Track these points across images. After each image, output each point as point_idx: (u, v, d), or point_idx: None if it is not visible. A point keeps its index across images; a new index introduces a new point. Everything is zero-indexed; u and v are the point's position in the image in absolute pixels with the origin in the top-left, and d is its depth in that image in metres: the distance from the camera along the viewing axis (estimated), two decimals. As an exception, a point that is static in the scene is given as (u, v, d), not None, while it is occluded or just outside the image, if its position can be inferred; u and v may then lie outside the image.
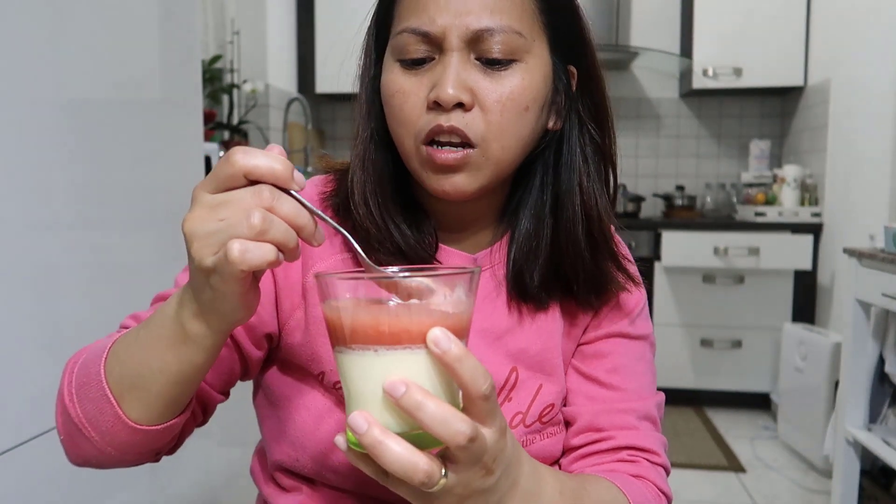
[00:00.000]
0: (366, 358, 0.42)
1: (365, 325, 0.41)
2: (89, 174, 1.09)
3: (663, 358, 3.10)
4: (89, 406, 0.53)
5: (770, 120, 3.53)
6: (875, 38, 2.50)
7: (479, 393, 0.42)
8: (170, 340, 0.50)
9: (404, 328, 0.41)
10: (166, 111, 1.31)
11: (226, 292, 0.45)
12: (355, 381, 0.43)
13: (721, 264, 2.96)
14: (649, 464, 0.66)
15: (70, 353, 0.63)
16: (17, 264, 0.95)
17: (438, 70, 0.58)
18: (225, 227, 0.43)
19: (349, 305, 0.42)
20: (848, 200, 2.73)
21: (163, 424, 0.54)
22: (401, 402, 0.40)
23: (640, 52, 3.36)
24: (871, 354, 1.93)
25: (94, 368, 0.53)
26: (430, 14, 0.57)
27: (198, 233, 0.44)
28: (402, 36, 0.59)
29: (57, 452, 0.60)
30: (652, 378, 0.71)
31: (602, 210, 0.65)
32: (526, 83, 0.59)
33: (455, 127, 0.57)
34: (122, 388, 0.52)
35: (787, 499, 2.30)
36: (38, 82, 0.99)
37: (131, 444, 0.53)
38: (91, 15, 1.09)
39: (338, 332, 0.43)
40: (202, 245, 0.44)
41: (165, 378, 0.51)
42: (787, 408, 2.70)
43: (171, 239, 1.31)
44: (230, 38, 2.89)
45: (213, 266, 0.44)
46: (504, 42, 0.57)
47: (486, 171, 0.59)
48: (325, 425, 0.63)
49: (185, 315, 0.49)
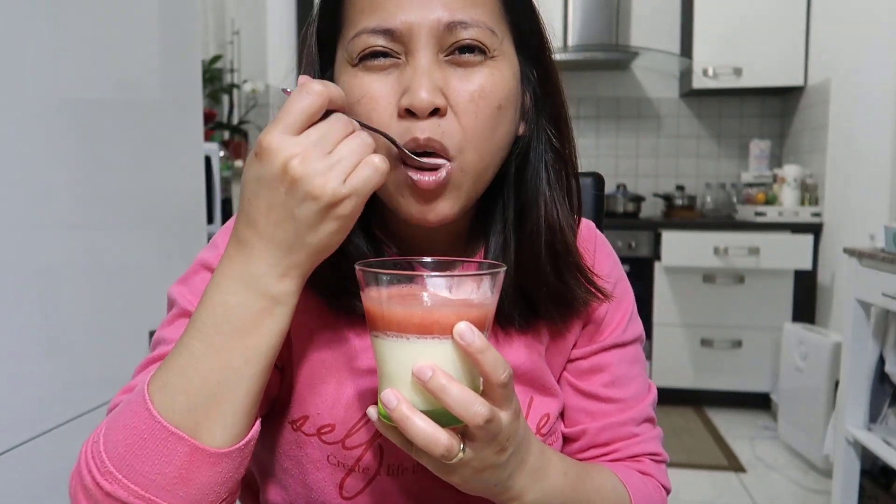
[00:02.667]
0: (399, 344, 0.47)
1: (399, 316, 0.46)
2: (89, 174, 1.09)
3: (663, 358, 3.10)
4: (146, 467, 0.46)
5: (770, 120, 3.53)
6: (875, 38, 2.50)
7: (498, 381, 0.46)
8: (251, 323, 0.48)
9: (434, 321, 0.46)
10: (166, 111, 1.31)
11: (353, 217, 0.47)
12: (388, 363, 0.48)
13: (721, 264, 2.95)
14: (652, 462, 0.68)
15: (69, 353, 0.62)
16: (17, 264, 0.95)
17: (408, 72, 0.53)
18: (347, 154, 0.46)
19: (386, 297, 0.47)
20: (848, 200, 2.73)
21: (244, 439, 0.49)
22: (427, 385, 0.45)
23: (640, 52, 3.36)
24: (871, 354, 1.93)
25: (141, 424, 0.47)
26: (390, 10, 0.53)
27: (318, 168, 0.45)
28: (361, 38, 0.54)
29: (57, 452, 0.60)
30: (644, 376, 0.71)
31: (564, 222, 0.61)
32: (497, 80, 0.55)
33: (431, 140, 0.53)
34: (197, 417, 0.47)
35: (787, 499, 2.30)
36: (38, 82, 0.99)
37: (210, 483, 0.48)
38: (91, 15, 1.09)
39: (376, 319, 0.48)
40: (328, 178, 0.45)
41: (253, 370, 0.48)
42: (787, 408, 2.70)
43: (171, 239, 1.31)
44: (230, 38, 2.89)
45: (349, 191, 0.46)
46: (477, 37, 0.54)
47: (466, 189, 0.56)
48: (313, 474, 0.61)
49: (269, 281, 0.47)
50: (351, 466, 0.60)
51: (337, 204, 0.46)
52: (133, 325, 1.20)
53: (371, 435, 0.60)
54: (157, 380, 0.48)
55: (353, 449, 0.59)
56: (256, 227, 0.47)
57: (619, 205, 3.38)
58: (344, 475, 0.60)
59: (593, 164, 3.68)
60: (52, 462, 0.98)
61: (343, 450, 0.59)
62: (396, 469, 0.60)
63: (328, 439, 0.60)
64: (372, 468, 0.60)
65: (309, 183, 0.45)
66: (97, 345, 1.10)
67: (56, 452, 0.99)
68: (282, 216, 0.46)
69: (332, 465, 0.60)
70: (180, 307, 0.59)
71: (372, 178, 0.47)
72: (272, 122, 0.46)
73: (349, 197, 0.46)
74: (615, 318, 0.67)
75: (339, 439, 0.60)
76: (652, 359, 3.11)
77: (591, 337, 0.67)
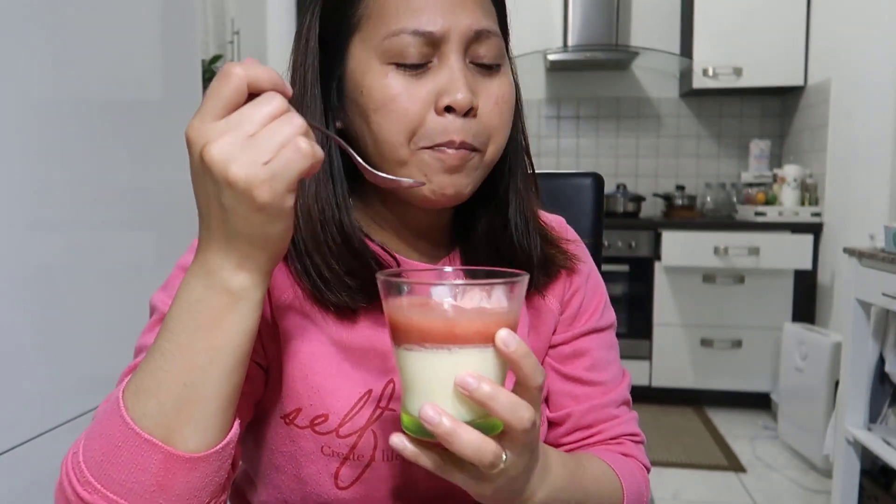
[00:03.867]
0: (437, 356, 0.46)
1: (440, 327, 0.45)
2: (89, 174, 1.09)
3: (663, 358, 3.10)
4: (122, 475, 0.45)
5: (770, 120, 3.53)
6: (875, 38, 2.50)
7: (535, 384, 0.47)
8: (213, 320, 0.46)
9: (476, 330, 0.45)
10: (166, 111, 1.31)
11: (283, 206, 0.44)
12: (422, 376, 0.47)
13: (721, 264, 2.96)
14: (632, 443, 0.72)
15: (70, 353, 0.62)
16: (17, 264, 0.95)
17: (444, 73, 0.57)
18: (267, 136, 0.42)
19: (423, 307, 0.46)
20: (848, 200, 2.73)
21: (221, 442, 0.48)
22: (475, 394, 0.44)
23: (640, 52, 3.36)
24: (871, 354, 1.93)
25: (116, 431, 0.46)
26: (430, 14, 0.56)
27: (238, 154, 0.42)
28: (400, 38, 0.56)
29: (57, 452, 0.60)
30: (619, 361, 0.75)
31: (530, 205, 0.67)
32: (510, 85, 0.61)
33: (465, 143, 0.57)
34: (169, 421, 0.46)
35: (787, 499, 2.30)
36: (38, 82, 0.99)
37: (188, 490, 0.47)
38: (91, 15, 1.09)
39: (409, 332, 0.46)
40: (249, 163, 0.42)
41: (219, 370, 0.47)
42: (787, 408, 2.70)
43: (171, 239, 1.31)
44: (230, 38, 2.89)
45: (271, 174, 0.42)
46: (496, 45, 0.59)
47: (480, 173, 0.61)
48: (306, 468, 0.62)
49: (225, 275, 0.46)
50: (345, 455, 0.60)
51: (256, 189, 0.42)
52: (133, 326, 1.19)
53: (365, 421, 0.60)
54: (131, 384, 0.48)
55: (347, 437, 0.60)
56: (203, 220, 0.46)
57: (619, 205, 3.38)
58: (338, 465, 0.61)
59: (593, 164, 3.68)
60: (52, 462, 0.97)
61: (337, 438, 0.60)
62: (391, 455, 0.61)
63: (321, 429, 0.60)
64: (366, 455, 0.60)
65: (224, 168, 0.42)
66: (97, 345, 1.10)
67: (56, 452, 0.99)
68: (214, 206, 0.44)
69: (327, 455, 0.61)
70: (160, 312, 0.59)
71: (294, 161, 0.43)
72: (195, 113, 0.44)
73: (267, 181, 0.42)
74: (592, 304, 0.72)
75: (332, 429, 0.60)
76: (652, 359, 3.11)
77: (570, 323, 0.72)
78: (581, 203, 0.94)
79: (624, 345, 3.22)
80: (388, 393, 0.61)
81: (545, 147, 3.71)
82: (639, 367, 3.12)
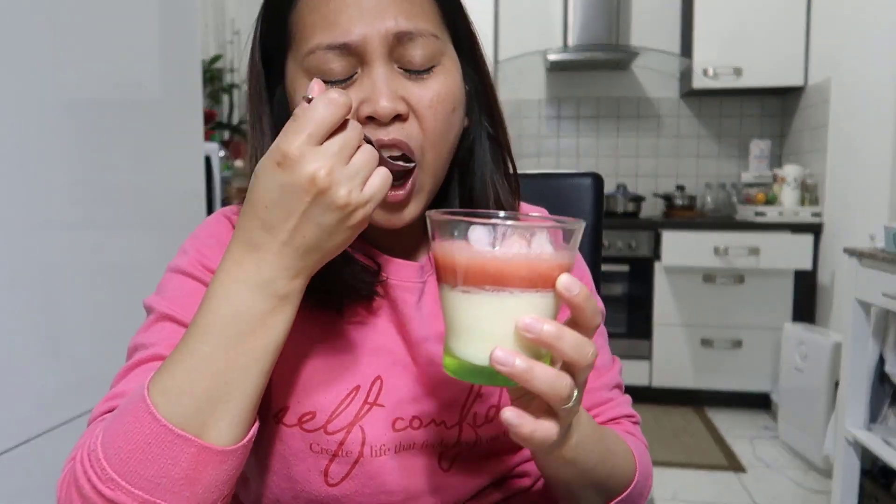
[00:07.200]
0: (498, 298, 0.46)
1: (504, 270, 0.45)
2: (89, 174, 1.09)
3: (663, 358, 3.10)
4: (151, 471, 0.46)
5: (770, 120, 3.53)
6: (875, 38, 2.50)
7: (593, 325, 0.47)
8: (259, 323, 0.49)
9: (539, 274, 0.46)
10: (166, 111, 1.31)
11: (366, 222, 0.50)
12: (478, 318, 0.47)
13: (721, 264, 2.96)
14: (631, 423, 0.72)
15: (69, 353, 0.62)
16: (18, 264, 0.95)
17: (366, 84, 0.56)
18: (362, 165, 0.48)
19: (489, 250, 0.46)
20: (848, 200, 2.73)
21: (247, 436, 0.50)
22: (542, 335, 0.45)
23: (640, 52, 3.36)
24: (871, 354, 1.93)
25: (144, 428, 0.46)
26: (343, 25, 0.55)
27: (341, 179, 0.47)
28: (316, 54, 0.56)
29: (57, 452, 0.60)
30: (608, 348, 0.75)
31: (506, 200, 0.67)
32: (450, 84, 0.59)
33: (397, 140, 0.56)
34: (204, 417, 0.47)
35: (787, 499, 2.30)
36: (38, 82, 0.99)
37: (216, 482, 0.48)
38: (91, 15, 1.09)
39: (471, 274, 0.46)
40: (351, 188, 0.48)
41: (260, 367, 0.50)
42: (787, 408, 2.70)
43: (171, 239, 1.31)
44: (230, 38, 2.89)
45: (367, 200, 0.49)
46: (424, 46, 0.57)
47: (427, 190, 0.60)
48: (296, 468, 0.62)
49: (281, 283, 0.49)
50: (334, 452, 0.61)
51: (355, 211, 0.48)
52: (133, 326, 1.19)
53: (353, 417, 0.61)
54: (159, 383, 0.48)
55: (335, 433, 0.60)
56: (274, 233, 0.48)
57: (619, 205, 3.38)
58: (328, 462, 0.61)
59: (593, 164, 3.68)
60: (52, 462, 0.98)
61: (325, 435, 0.60)
62: (379, 450, 0.61)
63: (309, 427, 0.61)
64: (354, 452, 0.61)
65: (335, 193, 0.47)
66: (97, 345, 1.10)
67: (56, 452, 0.99)
68: (303, 223, 0.48)
69: (316, 453, 0.61)
70: (158, 312, 0.59)
71: (384, 188, 0.50)
72: (293, 131, 0.47)
73: (366, 205, 0.49)
74: None
75: (320, 425, 0.61)
76: (652, 359, 3.11)
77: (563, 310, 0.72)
78: (581, 203, 0.94)
79: (624, 345, 3.22)
80: (375, 389, 0.62)
81: (545, 147, 3.71)
82: (639, 367, 3.12)
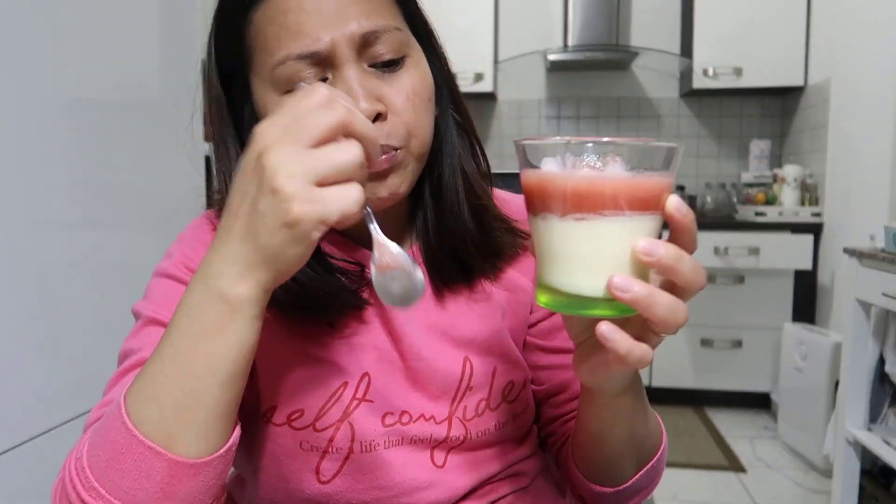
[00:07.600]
0: (615, 223, 0.43)
1: (626, 191, 0.43)
2: (89, 174, 1.09)
3: (663, 358, 3.10)
4: (127, 482, 0.45)
5: (770, 120, 3.53)
6: (875, 38, 2.50)
7: (695, 248, 0.45)
8: (212, 328, 0.45)
9: (655, 196, 0.43)
10: (166, 111, 1.31)
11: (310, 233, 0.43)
12: (598, 246, 0.44)
13: (721, 264, 2.95)
14: None
15: (70, 353, 0.62)
16: (17, 264, 0.95)
17: (341, 88, 0.54)
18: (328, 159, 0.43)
19: (595, 174, 0.43)
20: (848, 200, 2.73)
21: (223, 446, 0.48)
22: (662, 259, 0.42)
23: (640, 52, 3.36)
24: (871, 354, 1.93)
25: (119, 437, 0.46)
26: (310, 33, 0.54)
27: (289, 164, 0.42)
28: (286, 65, 0.54)
29: (57, 452, 0.60)
30: None
31: (478, 184, 0.66)
32: (422, 75, 0.59)
33: (383, 145, 0.55)
34: (170, 427, 0.46)
35: (787, 499, 2.30)
36: (38, 82, 0.99)
37: (193, 494, 0.47)
38: (91, 15, 1.09)
39: (592, 199, 0.43)
40: (303, 172, 0.42)
41: (217, 379, 0.46)
42: (787, 408, 2.70)
43: (171, 239, 1.31)
44: (230, 38, 2.88)
45: (318, 199, 0.42)
46: (390, 41, 0.56)
47: (412, 169, 0.59)
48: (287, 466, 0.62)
49: (224, 283, 0.45)
50: (324, 449, 0.61)
51: (292, 203, 0.42)
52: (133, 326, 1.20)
53: (342, 414, 0.61)
54: (132, 388, 0.47)
55: (325, 430, 0.60)
56: (227, 220, 0.45)
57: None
58: (318, 459, 0.61)
59: (593, 164, 3.68)
60: (52, 462, 0.98)
61: (314, 433, 0.60)
62: (369, 446, 0.61)
63: (298, 425, 0.61)
64: (344, 448, 0.61)
65: (274, 174, 0.42)
66: (97, 345, 1.10)
67: (56, 452, 0.99)
68: (247, 207, 0.44)
69: (306, 450, 0.61)
70: (145, 316, 0.60)
71: (340, 201, 0.43)
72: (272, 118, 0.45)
73: (308, 202, 0.42)
74: None
75: (309, 423, 0.61)
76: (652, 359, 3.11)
77: None
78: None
79: (624, 345, 3.24)
80: (363, 385, 0.62)
81: (545, 147, 3.70)
82: (639, 367, 3.11)
